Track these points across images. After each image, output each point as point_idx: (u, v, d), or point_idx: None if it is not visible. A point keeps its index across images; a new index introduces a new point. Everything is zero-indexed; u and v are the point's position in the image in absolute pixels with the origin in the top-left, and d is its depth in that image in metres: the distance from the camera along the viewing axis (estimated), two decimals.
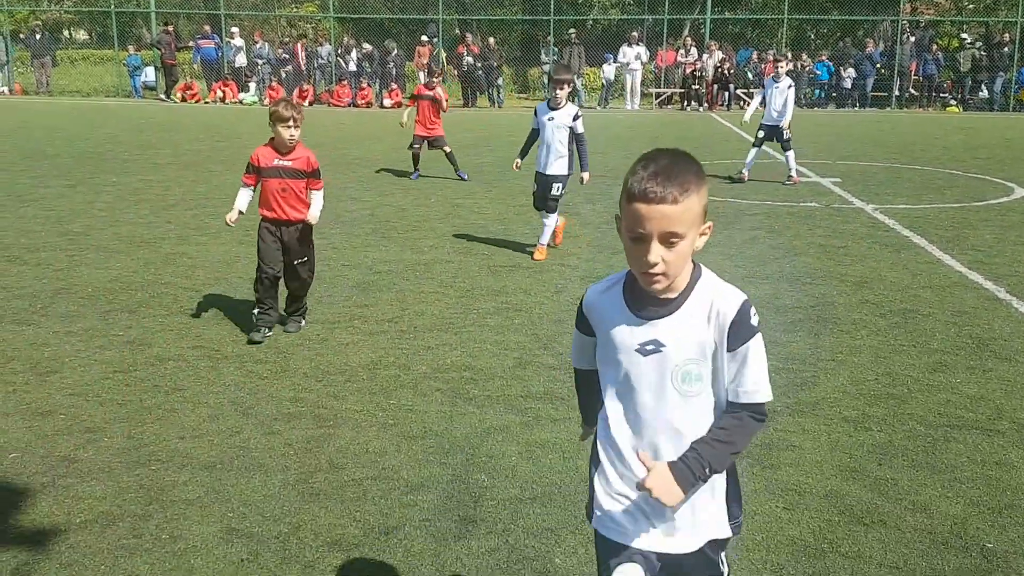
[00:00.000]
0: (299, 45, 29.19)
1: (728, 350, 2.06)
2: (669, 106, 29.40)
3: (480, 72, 27.73)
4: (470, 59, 27.46)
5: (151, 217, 9.89)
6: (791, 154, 12.80)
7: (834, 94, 29.54)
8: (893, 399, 5.04)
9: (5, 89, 28.08)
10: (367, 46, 28.67)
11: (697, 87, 28.33)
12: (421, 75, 29.54)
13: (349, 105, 27.47)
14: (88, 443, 4.33)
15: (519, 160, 8.68)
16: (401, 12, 34.93)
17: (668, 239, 1.96)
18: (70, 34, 45.48)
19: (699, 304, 2.06)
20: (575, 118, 8.06)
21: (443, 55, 28.38)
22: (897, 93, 29.15)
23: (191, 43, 29.33)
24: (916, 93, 29.48)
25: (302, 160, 5.97)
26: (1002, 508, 3.83)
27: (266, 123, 6.07)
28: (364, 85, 27.96)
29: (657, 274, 1.99)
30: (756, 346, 2.07)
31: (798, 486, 4.03)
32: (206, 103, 27.41)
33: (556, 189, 8.18)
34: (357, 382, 5.23)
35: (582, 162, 8.18)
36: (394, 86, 27.85)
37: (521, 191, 12.19)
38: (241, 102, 27.57)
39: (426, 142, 13.02)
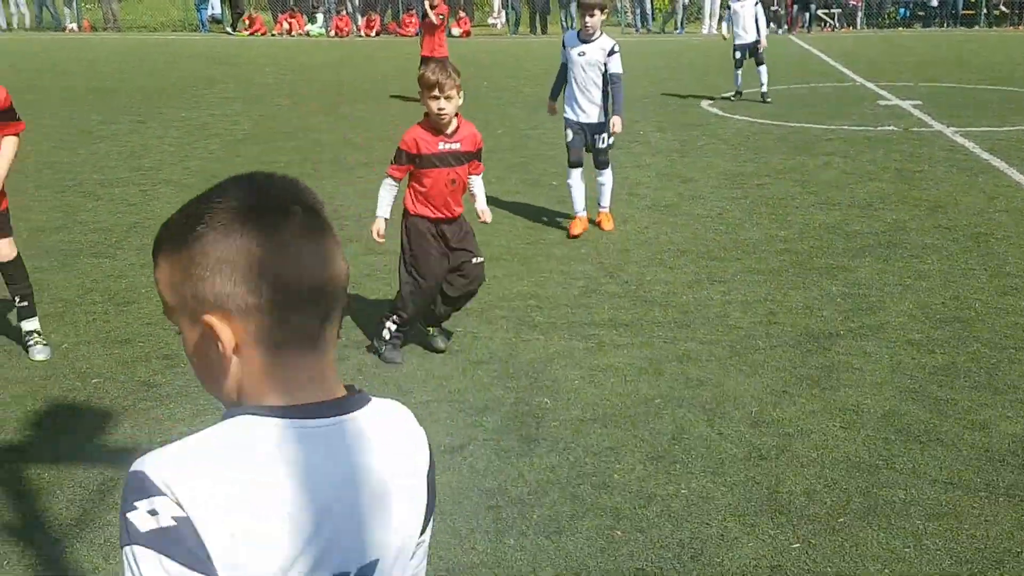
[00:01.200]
0: None
1: None
2: None
3: None
4: None
5: (220, 152, 10.09)
6: (764, 68, 13.06)
7: (921, 13, 28.22)
8: (959, 322, 4.96)
9: (74, 26, 28.57)
10: None
11: (776, 8, 27.33)
12: (496, 1, 29.17)
13: (416, 34, 27.27)
14: (166, 369, 4.54)
15: (552, 102, 7.15)
16: None
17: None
18: None
19: None
20: (610, 53, 6.54)
21: None
22: (985, 11, 27.72)
23: None
24: (1007, 11, 27.98)
25: (469, 139, 4.65)
26: None
27: (336, 56, 6.00)
28: None
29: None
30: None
31: (856, 406, 4.04)
32: (272, 36, 27.52)
33: (602, 141, 6.75)
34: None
35: (615, 105, 6.59)
36: (462, 14, 27.49)
37: None
38: (308, 34, 27.59)
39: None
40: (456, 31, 27.01)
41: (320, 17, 28.05)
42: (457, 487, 3.46)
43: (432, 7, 13.04)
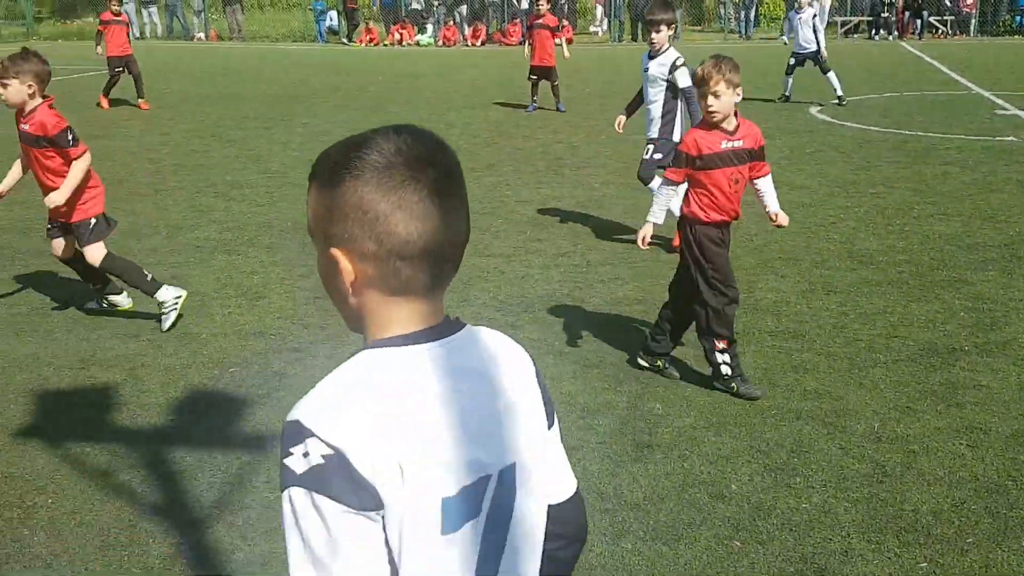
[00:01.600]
0: None
1: None
2: (855, 35, 27.71)
3: (643, 2, 27.01)
4: None
5: None
6: (832, 74, 13.20)
7: None
8: None
9: (202, 35, 29.97)
10: None
11: (887, 15, 26.50)
12: (599, 9, 29.20)
13: (521, 43, 27.56)
14: (296, 361, 4.77)
15: (622, 118, 6.99)
16: None
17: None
18: None
19: None
20: (672, 69, 6.26)
21: None
22: None
23: None
24: None
25: (751, 137, 4.28)
26: None
27: (443, 64, 6.19)
28: None
29: None
30: None
31: (983, 425, 3.93)
32: (384, 45, 28.24)
33: (648, 152, 6.56)
34: (533, 312, 5.44)
35: (693, 121, 5.98)
36: (565, 22, 27.61)
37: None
38: (418, 43, 28.21)
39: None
40: (558, 39, 27.18)
41: (430, 27, 28.63)
42: None
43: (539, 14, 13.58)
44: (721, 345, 4.23)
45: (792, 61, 13.63)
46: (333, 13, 29.27)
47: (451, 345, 1.18)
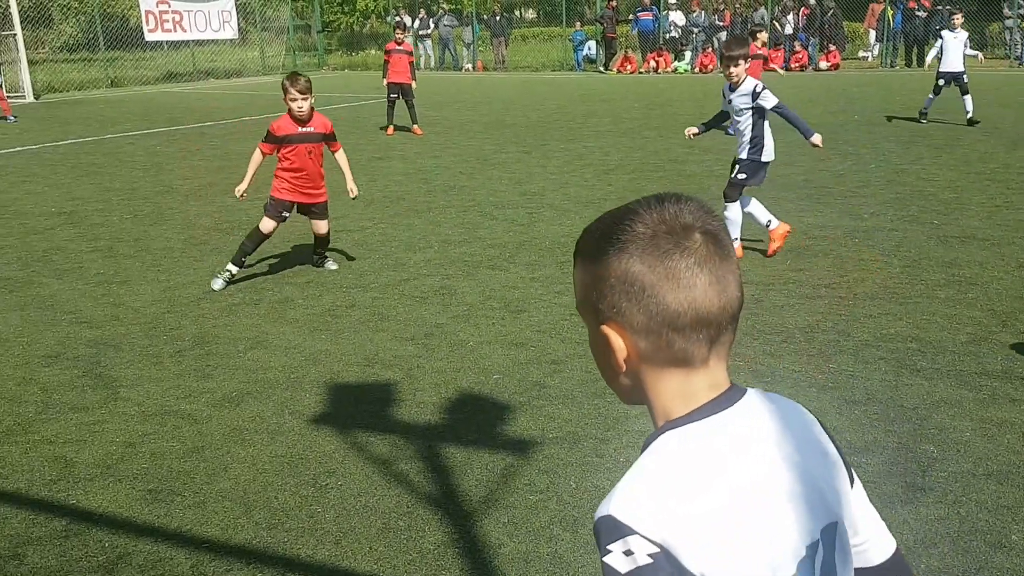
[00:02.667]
0: (728, 12, 29.06)
1: None
2: None
3: (919, 25, 25.33)
4: (921, 13, 25.18)
5: (594, 180, 10.71)
6: (968, 97, 13.83)
7: None
8: None
9: (470, 66, 31.78)
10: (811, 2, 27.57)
11: None
12: (871, 33, 27.85)
13: (783, 68, 26.82)
14: (554, 373, 4.97)
15: (694, 129, 7.52)
16: None
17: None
18: (520, 14, 49.89)
19: None
20: (755, 96, 6.82)
21: (889, 12, 26.37)
22: None
23: (631, 16, 30.63)
24: None
25: None
26: None
27: (697, 89, 6.25)
28: (797, 48, 27.09)
29: None
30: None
31: None
32: (640, 73, 28.52)
33: (735, 171, 7.06)
34: (794, 343, 5.31)
35: (801, 129, 6.92)
36: (831, 47, 26.57)
37: (978, 158, 11.14)
38: (675, 70, 28.25)
39: None
40: (824, 64, 26.12)
41: (688, 55, 28.56)
42: None
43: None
44: None
45: (940, 82, 13.89)
46: (592, 43, 30.00)
47: (746, 410, 1.14)
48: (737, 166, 7.06)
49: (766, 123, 6.96)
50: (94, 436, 4.39)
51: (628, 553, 1.01)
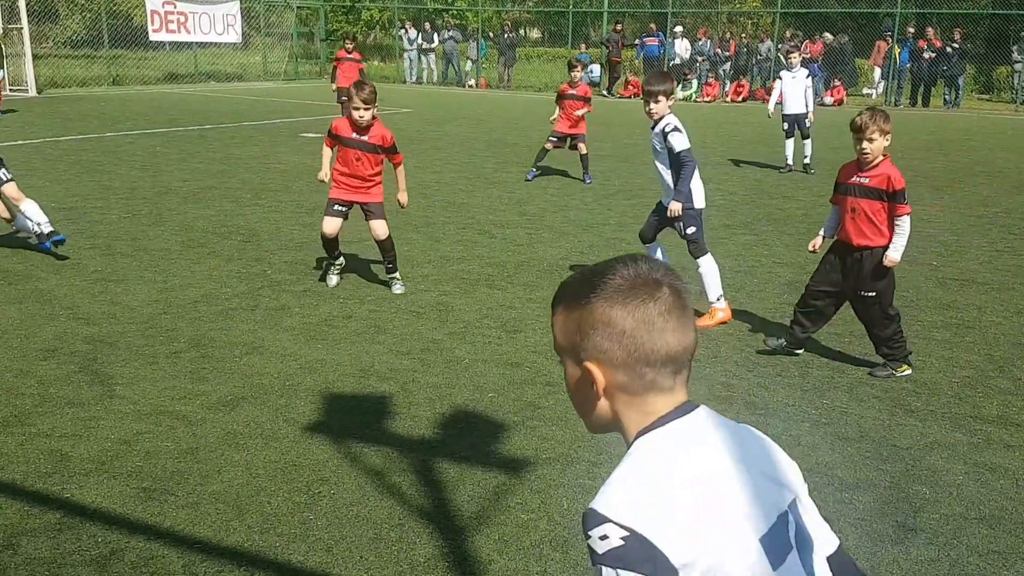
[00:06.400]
0: (733, 42, 29.32)
1: None
2: None
3: (927, 66, 25.58)
4: (929, 54, 25.42)
5: (594, 204, 10.75)
6: (808, 142, 13.11)
7: None
8: None
9: (473, 83, 31.90)
10: (828, 37, 27.74)
11: None
12: (876, 71, 28.09)
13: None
14: (548, 394, 4.97)
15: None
16: (851, 5, 33.29)
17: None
18: (525, 32, 50.20)
19: None
20: (666, 134, 6.03)
21: (896, 50, 26.62)
22: None
23: (637, 41, 30.84)
24: None
25: (880, 178, 5.27)
26: None
27: (699, 117, 6.23)
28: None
29: None
30: None
31: None
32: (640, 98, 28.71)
33: (681, 230, 6.21)
34: (788, 377, 5.33)
35: (677, 187, 6.10)
36: (837, 83, 26.76)
37: (980, 201, 11.23)
38: (682, 98, 28.43)
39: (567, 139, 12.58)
40: (828, 99, 26.33)
41: (695, 82, 28.76)
42: None
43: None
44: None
45: (785, 126, 13.33)
46: (596, 67, 30.17)
47: (702, 417, 1.37)
48: (680, 224, 6.20)
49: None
50: (90, 432, 4.37)
51: (604, 538, 1.23)
